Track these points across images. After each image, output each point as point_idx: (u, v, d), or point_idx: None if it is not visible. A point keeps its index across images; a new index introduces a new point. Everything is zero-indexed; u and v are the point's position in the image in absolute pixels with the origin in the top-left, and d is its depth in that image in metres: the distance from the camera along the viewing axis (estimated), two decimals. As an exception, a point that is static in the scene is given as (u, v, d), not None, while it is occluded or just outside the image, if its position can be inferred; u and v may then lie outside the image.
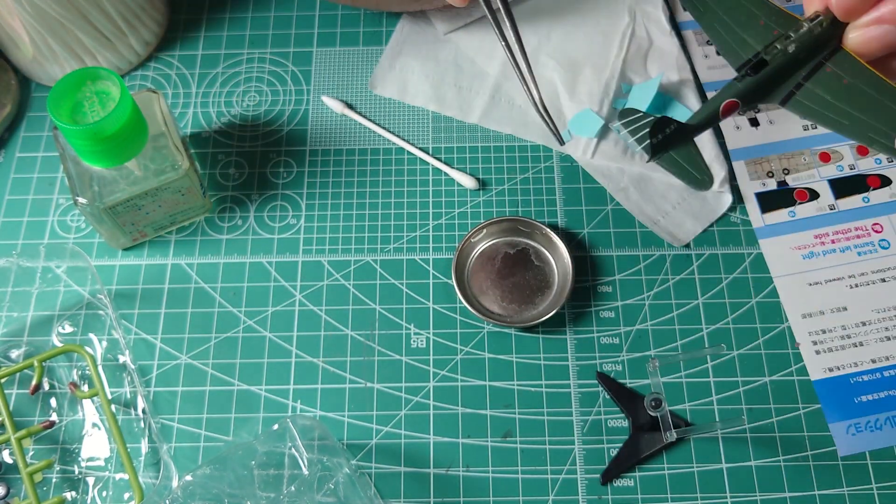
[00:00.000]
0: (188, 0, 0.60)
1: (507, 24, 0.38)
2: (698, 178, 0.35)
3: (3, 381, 0.46)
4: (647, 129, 0.35)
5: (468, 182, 0.52)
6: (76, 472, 0.45)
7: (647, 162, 0.37)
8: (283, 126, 0.55)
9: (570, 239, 0.51)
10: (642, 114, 0.36)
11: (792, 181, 0.52)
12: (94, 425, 0.46)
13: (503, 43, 0.38)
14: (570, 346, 0.48)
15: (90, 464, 0.45)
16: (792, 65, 0.33)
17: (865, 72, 0.32)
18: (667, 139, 0.35)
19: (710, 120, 0.35)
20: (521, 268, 0.50)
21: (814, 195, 0.52)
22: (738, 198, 0.52)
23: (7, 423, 0.44)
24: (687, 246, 0.51)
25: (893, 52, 0.32)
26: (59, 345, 0.47)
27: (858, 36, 0.32)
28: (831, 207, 0.51)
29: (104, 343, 0.48)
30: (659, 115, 0.35)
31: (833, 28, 0.32)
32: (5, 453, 0.45)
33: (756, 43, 0.34)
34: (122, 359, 0.48)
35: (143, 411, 0.46)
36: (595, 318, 0.49)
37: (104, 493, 0.44)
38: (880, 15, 0.31)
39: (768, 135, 0.54)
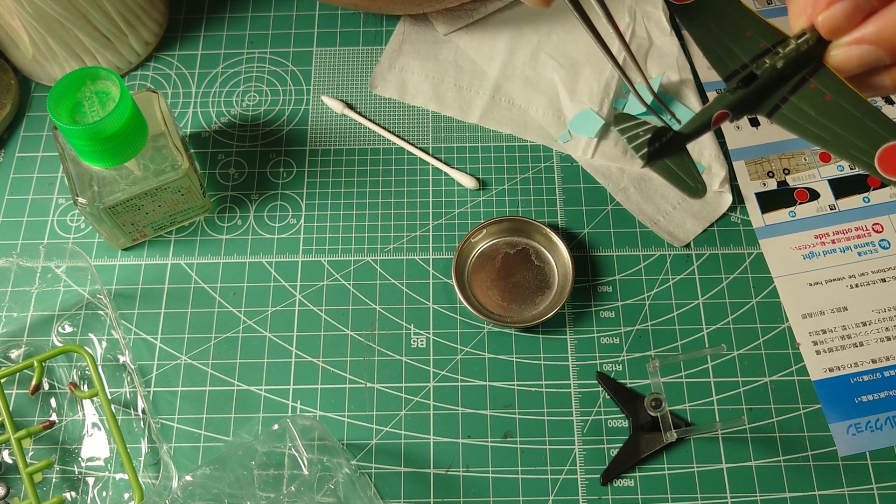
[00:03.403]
0: (188, 0, 0.60)
1: (600, 11, 0.37)
2: (692, 186, 0.36)
3: (3, 381, 0.46)
4: (644, 136, 0.36)
5: (468, 182, 0.52)
6: (76, 473, 0.45)
7: (642, 168, 0.38)
8: (283, 126, 0.55)
9: (570, 239, 0.51)
10: (637, 120, 0.37)
11: (792, 181, 0.52)
12: (94, 425, 0.46)
13: (591, 34, 0.38)
14: (570, 346, 0.48)
15: (90, 464, 0.45)
16: (779, 79, 0.35)
17: (846, 90, 0.34)
18: (663, 147, 0.36)
19: (702, 128, 0.36)
20: (521, 268, 0.50)
21: (814, 195, 0.52)
22: (738, 198, 0.52)
23: (7, 423, 0.44)
24: (687, 246, 0.51)
25: (871, 70, 0.34)
26: (59, 345, 0.47)
27: (839, 54, 0.33)
28: (831, 207, 0.51)
29: (104, 343, 0.48)
30: (653, 122, 0.36)
31: (817, 45, 0.34)
32: (5, 453, 0.45)
33: (742, 54, 0.36)
34: (121, 359, 0.48)
35: (143, 411, 0.46)
36: (595, 318, 0.49)
37: (104, 494, 0.44)
38: (861, 35, 0.32)
39: (768, 135, 0.54)
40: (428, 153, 0.54)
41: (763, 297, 0.49)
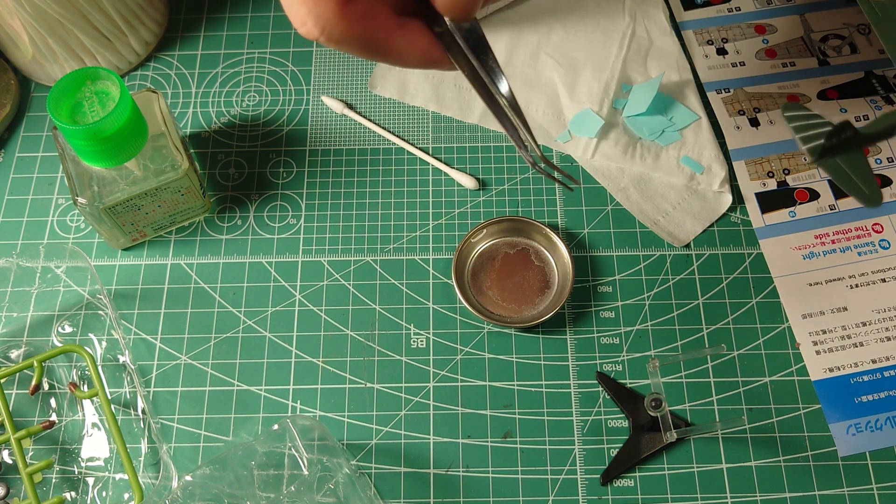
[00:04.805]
0: (188, 0, 0.60)
1: (490, 74, 0.32)
2: (866, 193, 0.32)
3: (3, 381, 0.46)
4: (816, 129, 0.32)
5: (468, 182, 0.52)
6: (76, 473, 0.45)
7: (809, 164, 0.34)
8: (283, 126, 0.55)
9: (570, 239, 0.51)
10: (808, 111, 0.33)
11: (792, 181, 0.52)
12: (94, 425, 0.46)
13: (483, 95, 0.33)
14: (570, 347, 0.48)
15: (90, 464, 0.45)
16: None
17: None
18: (840, 144, 0.32)
19: (891, 130, 0.31)
20: (521, 268, 0.50)
21: (814, 195, 0.52)
22: (738, 198, 0.52)
23: (7, 423, 0.44)
24: (687, 246, 0.51)
25: None
26: (59, 345, 0.47)
27: None
28: (831, 207, 0.51)
29: (104, 343, 0.48)
30: (831, 121, 0.32)
31: None
32: (5, 453, 0.45)
33: None
34: (121, 359, 0.48)
35: (143, 411, 0.46)
36: (595, 318, 0.49)
37: (104, 494, 0.44)
38: None
39: (768, 135, 0.54)
40: (428, 153, 0.54)
41: (763, 297, 0.49)
